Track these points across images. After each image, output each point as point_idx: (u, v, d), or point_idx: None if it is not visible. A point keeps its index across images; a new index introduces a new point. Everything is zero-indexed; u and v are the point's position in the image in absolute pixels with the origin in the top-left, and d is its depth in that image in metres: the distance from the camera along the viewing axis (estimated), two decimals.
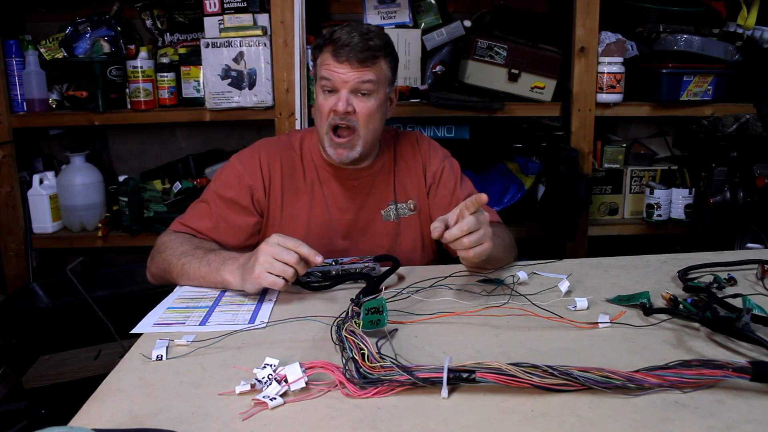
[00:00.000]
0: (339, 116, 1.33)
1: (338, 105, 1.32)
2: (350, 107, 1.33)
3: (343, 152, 1.37)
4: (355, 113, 1.34)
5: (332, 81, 1.33)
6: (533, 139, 2.40)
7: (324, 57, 1.35)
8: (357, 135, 1.36)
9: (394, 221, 1.48)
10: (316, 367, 0.83)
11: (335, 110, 1.33)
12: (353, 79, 1.32)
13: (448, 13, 2.47)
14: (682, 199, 2.24)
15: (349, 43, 1.31)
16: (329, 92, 1.34)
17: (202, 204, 1.40)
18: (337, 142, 1.36)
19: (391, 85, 1.41)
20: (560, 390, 0.77)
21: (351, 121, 1.34)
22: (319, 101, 1.36)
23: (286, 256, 1.10)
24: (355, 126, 1.35)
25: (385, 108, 1.41)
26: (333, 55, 1.32)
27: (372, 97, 1.35)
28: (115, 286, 2.30)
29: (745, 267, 1.26)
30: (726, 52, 2.15)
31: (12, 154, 2.26)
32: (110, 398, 0.80)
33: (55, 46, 2.35)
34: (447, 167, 1.50)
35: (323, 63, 1.35)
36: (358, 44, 1.31)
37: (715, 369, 0.77)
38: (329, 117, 1.35)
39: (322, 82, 1.35)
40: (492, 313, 1.04)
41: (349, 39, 1.31)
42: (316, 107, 1.38)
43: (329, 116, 1.35)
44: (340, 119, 1.34)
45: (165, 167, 2.51)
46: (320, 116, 1.37)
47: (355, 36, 1.31)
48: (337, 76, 1.32)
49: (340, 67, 1.32)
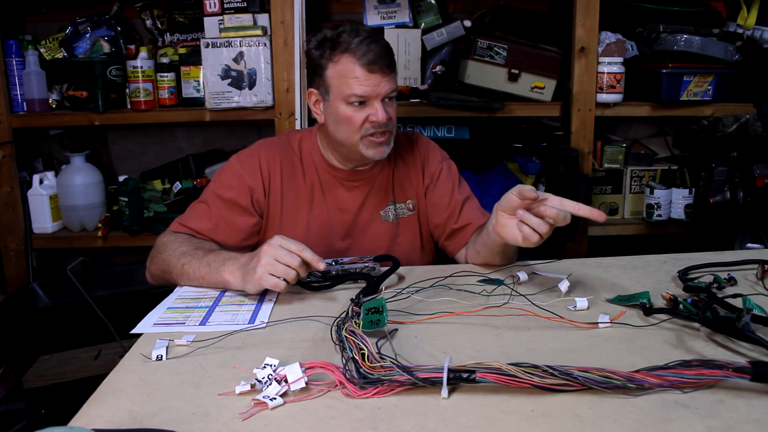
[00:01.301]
0: (378, 125, 1.33)
1: (379, 116, 1.32)
2: (388, 115, 1.34)
3: (384, 149, 1.37)
4: (390, 119, 1.35)
5: (367, 94, 1.31)
6: (533, 139, 2.41)
7: (344, 69, 1.31)
8: (391, 134, 1.38)
9: (393, 221, 1.48)
10: (316, 367, 0.83)
11: (375, 121, 1.33)
12: (386, 89, 1.32)
13: (448, 13, 2.47)
14: (682, 199, 2.24)
15: (372, 51, 1.30)
16: (360, 104, 1.33)
17: (202, 204, 1.40)
18: (379, 141, 1.36)
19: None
20: (560, 390, 0.77)
21: (389, 126, 1.36)
22: (347, 114, 1.33)
23: (289, 259, 1.10)
24: (392, 129, 1.37)
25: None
26: (362, 66, 1.30)
27: (394, 99, 1.37)
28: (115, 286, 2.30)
29: (745, 267, 1.26)
30: (726, 52, 2.15)
31: (12, 154, 2.26)
32: (110, 398, 0.80)
33: (55, 46, 2.35)
34: (445, 168, 1.50)
35: (347, 75, 1.31)
36: (381, 52, 1.31)
37: (715, 369, 0.77)
38: (364, 127, 1.34)
39: (352, 98, 1.32)
40: (492, 313, 1.04)
41: (369, 48, 1.30)
42: (340, 119, 1.35)
43: (363, 126, 1.34)
44: (378, 127, 1.34)
45: (165, 167, 2.51)
46: (350, 128, 1.34)
47: (371, 43, 1.31)
48: (371, 89, 1.31)
49: (372, 78, 1.30)
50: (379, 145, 1.36)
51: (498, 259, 1.30)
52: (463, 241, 1.45)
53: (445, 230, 1.47)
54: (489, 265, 1.31)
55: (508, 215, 1.16)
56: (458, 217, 1.46)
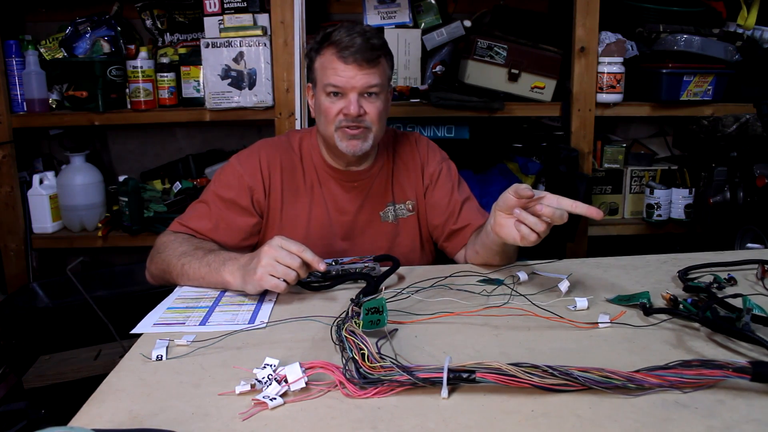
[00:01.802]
0: (350, 119, 1.33)
1: (350, 108, 1.32)
2: (361, 110, 1.33)
3: (357, 143, 1.35)
4: (366, 114, 1.34)
5: (341, 85, 1.32)
6: (533, 139, 2.41)
7: (326, 60, 1.34)
8: (369, 131, 1.36)
9: (392, 222, 1.48)
10: (316, 367, 0.83)
11: (346, 113, 1.33)
12: (362, 82, 1.32)
13: (448, 13, 2.47)
14: (682, 199, 2.24)
15: (353, 44, 1.30)
16: (336, 95, 1.33)
17: (202, 204, 1.40)
18: (351, 134, 1.35)
19: (389, 84, 1.41)
20: (560, 390, 0.77)
21: (364, 122, 1.35)
22: (325, 105, 1.35)
23: (289, 260, 1.10)
24: (368, 125, 1.36)
25: (388, 105, 1.42)
26: (338, 57, 1.31)
27: (379, 98, 1.35)
28: (115, 286, 2.30)
29: (745, 267, 1.26)
30: (726, 52, 2.15)
31: (12, 154, 2.26)
32: (110, 398, 0.80)
33: (55, 46, 2.35)
34: (444, 169, 1.50)
35: (327, 66, 1.33)
36: (362, 45, 1.30)
37: (715, 369, 0.77)
38: (337, 119, 1.34)
39: (328, 88, 1.33)
40: (492, 313, 1.04)
41: (351, 41, 1.30)
42: (321, 110, 1.37)
43: (337, 118, 1.34)
44: (351, 121, 1.33)
45: (165, 167, 2.51)
46: (326, 119, 1.36)
47: (356, 37, 1.31)
48: (345, 80, 1.31)
49: (347, 69, 1.31)
50: (351, 138, 1.35)
51: (497, 259, 1.30)
52: (462, 242, 1.45)
53: (444, 231, 1.47)
54: (489, 265, 1.31)
55: (505, 215, 1.16)
56: (457, 218, 1.46)
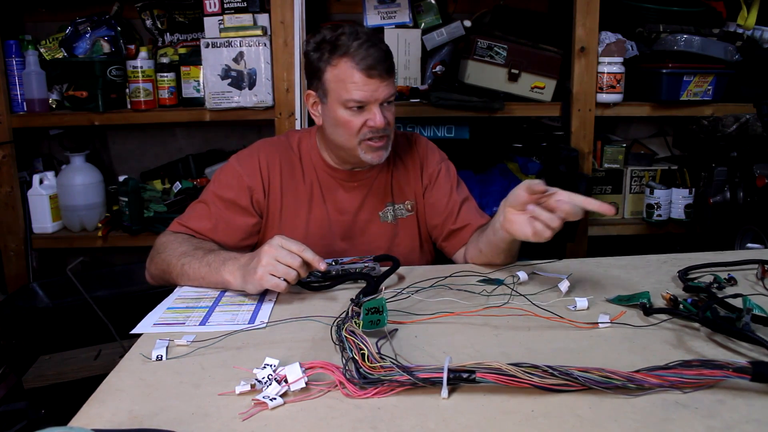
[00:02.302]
0: (376, 129, 1.33)
1: (377, 121, 1.32)
2: (386, 120, 1.34)
3: (383, 154, 1.37)
4: (388, 123, 1.35)
5: (365, 99, 1.31)
6: (533, 139, 2.41)
7: (342, 73, 1.30)
8: (389, 138, 1.38)
9: (392, 222, 1.48)
10: (316, 367, 0.83)
11: (373, 126, 1.32)
12: (384, 94, 1.32)
13: (448, 13, 2.47)
14: (682, 199, 2.24)
15: (371, 56, 1.29)
16: (359, 108, 1.32)
17: (201, 204, 1.40)
18: (376, 146, 1.35)
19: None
20: (560, 390, 0.77)
21: (387, 131, 1.35)
22: (345, 118, 1.33)
23: (289, 259, 1.10)
24: (389, 134, 1.37)
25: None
26: (360, 71, 1.29)
27: (393, 103, 1.36)
28: (115, 286, 2.30)
29: (745, 267, 1.26)
30: (726, 52, 2.15)
31: (12, 154, 2.26)
32: (110, 398, 0.80)
33: (55, 46, 2.35)
34: (444, 169, 1.50)
35: (346, 80, 1.30)
36: (380, 56, 1.30)
37: (715, 369, 0.77)
38: (362, 132, 1.34)
39: (350, 103, 1.31)
40: (492, 313, 1.04)
41: (368, 52, 1.29)
42: (339, 123, 1.34)
43: (361, 131, 1.34)
44: (376, 131, 1.33)
45: (165, 167, 2.51)
46: (348, 132, 1.34)
47: (370, 48, 1.29)
48: (369, 94, 1.30)
49: (371, 83, 1.30)
50: (377, 149, 1.36)
51: (502, 258, 1.30)
52: (461, 242, 1.45)
53: (443, 231, 1.47)
54: (490, 265, 1.31)
55: (516, 211, 1.15)
56: (456, 218, 1.46)
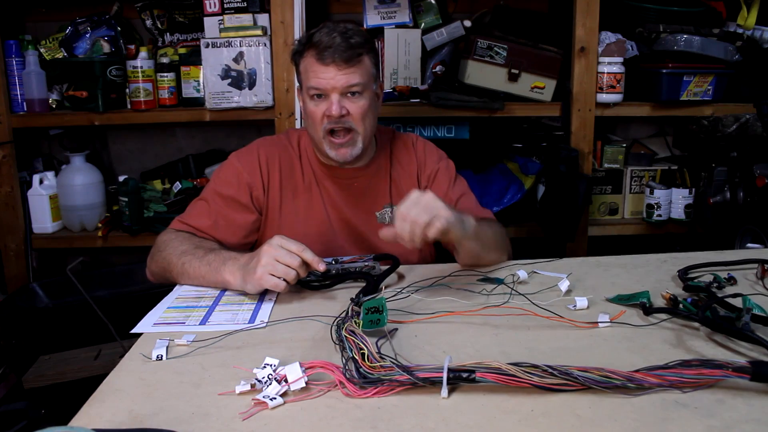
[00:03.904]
0: (334, 120, 1.33)
1: (332, 110, 1.32)
2: (344, 110, 1.33)
3: (346, 151, 1.36)
4: (349, 114, 1.34)
5: (321, 87, 1.32)
6: (533, 139, 2.40)
7: (307, 62, 1.34)
8: (355, 132, 1.36)
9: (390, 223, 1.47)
10: (316, 367, 0.83)
11: (329, 115, 1.33)
12: (342, 83, 1.31)
13: (448, 13, 2.46)
14: (682, 199, 2.24)
15: (332, 44, 1.30)
16: (319, 97, 1.33)
17: (202, 202, 1.41)
18: (337, 143, 1.36)
19: (375, 81, 1.41)
20: (560, 390, 0.77)
21: (347, 123, 1.34)
22: (310, 108, 1.35)
23: (289, 259, 1.10)
24: (351, 126, 1.35)
25: (376, 103, 1.41)
26: (317, 59, 1.31)
27: (363, 96, 1.35)
28: (115, 286, 2.30)
29: (745, 267, 1.26)
30: (726, 52, 2.15)
31: (12, 154, 2.26)
32: (110, 398, 0.80)
33: (55, 46, 2.35)
34: (442, 168, 1.50)
35: (308, 69, 1.33)
36: (341, 44, 1.30)
37: (715, 369, 0.77)
38: (323, 122, 1.34)
39: (311, 90, 1.33)
40: (492, 313, 1.04)
41: (331, 40, 1.30)
42: (307, 114, 1.37)
43: (323, 121, 1.34)
44: (335, 122, 1.33)
45: (165, 167, 2.51)
46: (313, 122, 1.36)
47: (335, 36, 1.30)
48: (325, 81, 1.31)
49: (327, 70, 1.31)
50: (339, 146, 1.36)
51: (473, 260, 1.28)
52: None
53: None
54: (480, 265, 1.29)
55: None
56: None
